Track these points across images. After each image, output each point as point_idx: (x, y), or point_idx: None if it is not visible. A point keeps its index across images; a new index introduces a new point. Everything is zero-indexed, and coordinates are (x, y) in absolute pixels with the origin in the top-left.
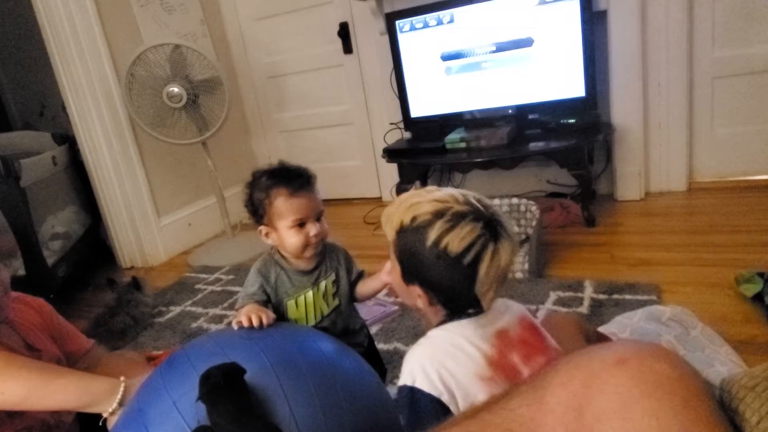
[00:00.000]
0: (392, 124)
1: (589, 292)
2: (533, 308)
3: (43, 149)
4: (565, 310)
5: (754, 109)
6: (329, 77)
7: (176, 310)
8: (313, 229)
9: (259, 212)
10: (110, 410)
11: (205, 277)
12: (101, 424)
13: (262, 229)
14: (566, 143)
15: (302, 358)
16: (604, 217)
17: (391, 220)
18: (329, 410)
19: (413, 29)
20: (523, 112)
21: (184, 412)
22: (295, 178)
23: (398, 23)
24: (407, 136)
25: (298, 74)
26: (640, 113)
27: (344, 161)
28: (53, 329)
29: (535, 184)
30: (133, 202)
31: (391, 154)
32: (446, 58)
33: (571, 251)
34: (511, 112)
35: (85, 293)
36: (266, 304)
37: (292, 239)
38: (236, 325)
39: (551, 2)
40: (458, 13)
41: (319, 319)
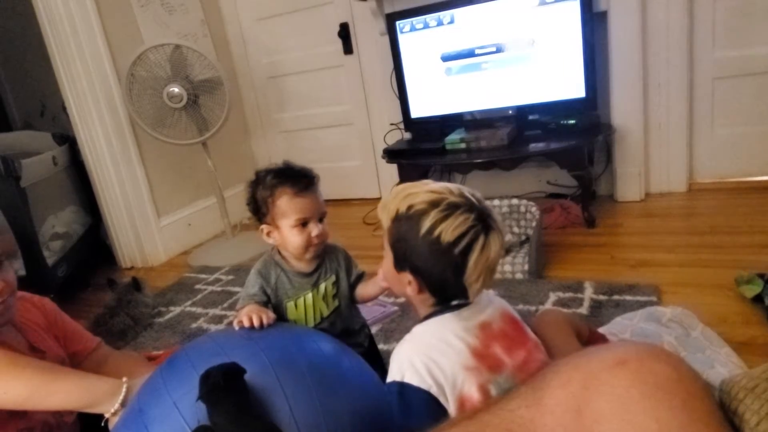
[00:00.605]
0: (392, 124)
1: (589, 293)
2: (533, 309)
3: (43, 149)
4: (565, 310)
5: (754, 109)
6: (329, 78)
7: (176, 310)
8: (315, 229)
9: (261, 211)
10: (112, 411)
11: (204, 277)
12: (103, 424)
13: (263, 228)
14: (566, 144)
15: (302, 358)
16: (604, 218)
17: (387, 208)
18: (329, 410)
19: (413, 30)
20: (523, 112)
21: (184, 412)
22: (300, 177)
23: (398, 24)
24: (407, 136)
25: (298, 75)
26: (640, 114)
27: (344, 162)
28: (57, 329)
29: (535, 184)
30: (133, 202)
31: (391, 154)
32: (446, 58)
33: (571, 252)
34: (511, 112)
35: (85, 293)
36: (266, 305)
37: (294, 239)
38: (237, 325)
39: (551, 3)
40: (458, 13)
41: (318, 320)
